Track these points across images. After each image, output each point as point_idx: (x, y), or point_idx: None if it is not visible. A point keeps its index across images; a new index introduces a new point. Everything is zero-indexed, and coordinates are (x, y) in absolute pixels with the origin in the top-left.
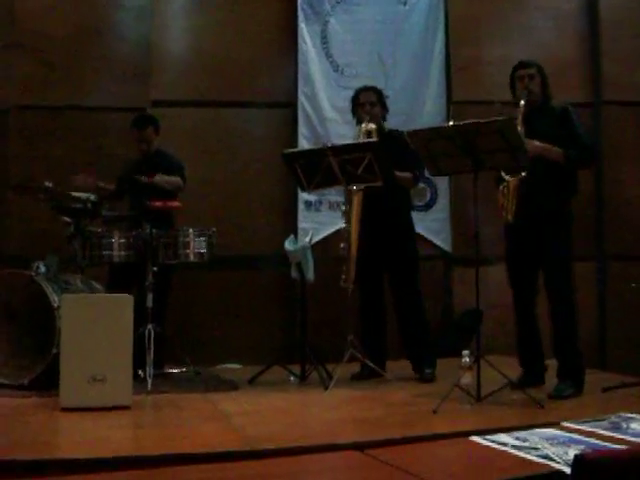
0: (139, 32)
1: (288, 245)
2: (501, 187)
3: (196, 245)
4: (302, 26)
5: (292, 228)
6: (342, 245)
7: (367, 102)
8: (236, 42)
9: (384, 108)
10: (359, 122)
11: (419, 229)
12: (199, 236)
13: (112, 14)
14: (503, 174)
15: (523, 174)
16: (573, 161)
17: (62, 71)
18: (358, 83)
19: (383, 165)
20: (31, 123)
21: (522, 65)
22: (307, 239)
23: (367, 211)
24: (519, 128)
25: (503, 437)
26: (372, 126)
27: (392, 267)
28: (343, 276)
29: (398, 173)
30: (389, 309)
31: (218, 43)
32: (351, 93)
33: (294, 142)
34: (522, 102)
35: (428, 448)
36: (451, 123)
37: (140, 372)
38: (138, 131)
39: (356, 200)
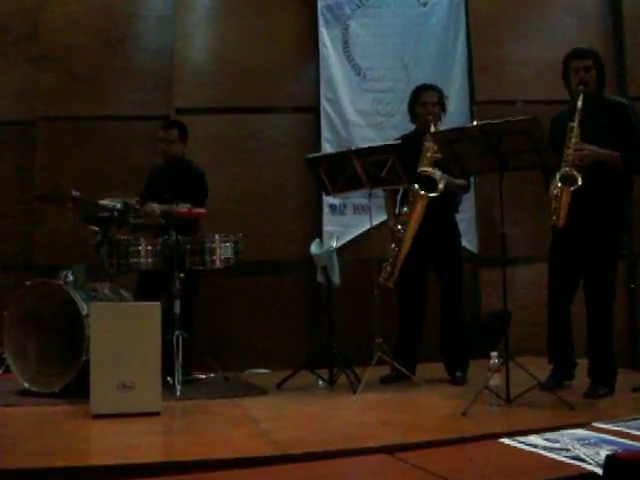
0: (161, 41)
1: (314, 249)
2: (555, 192)
3: (222, 251)
4: (322, 31)
5: (317, 232)
6: (392, 246)
7: (430, 102)
8: (257, 48)
9: (443, 109)
10: (413, 120)
11: None
12: (225, 242)
13: (134, 25)
14: (558, 184)
15: (579, 184)
16: (631, 166)
17: (86, 82)
18: (380, 86)
19: (407, 167)
20: (57, 134)
21: (577, 55)
22: (332, 242)
23: None
24: (575, 131)
25: (533, 439)
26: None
27: (439, 271)
28: (383, 274)
29: (457, 181)
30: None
31: (240, 50)
32: (374, 96)
33: (317, 146)
34: (579, 103)
35: (458, 451)
36: (475, 123)
37: (169, 378)
38: (163, 131)
39: (420, 204)
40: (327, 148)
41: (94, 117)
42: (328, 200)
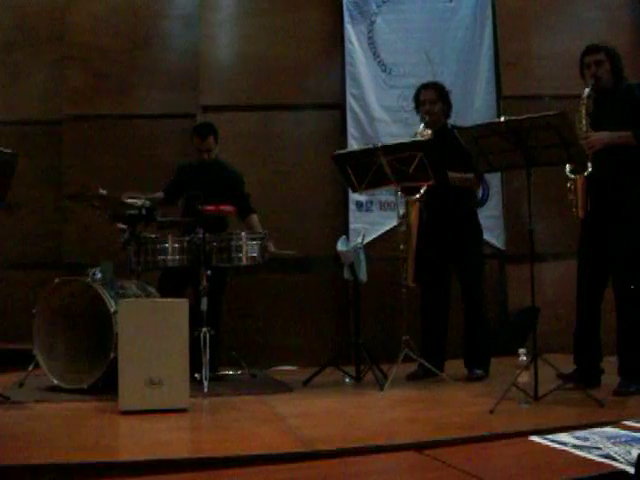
0: (187, 40)
1: (340, 246)
2: (568, 184)
3: (249, 248)
4: (348, 27)
5: (343, 229)
6: (402, 247)
7: (427, 100)
8: (283, 46)
9: (446, 104)
10: (422, 120)
11: None
12: (252, 240)
13: (160, 24)
14: (568, 172)
15: (589, 170)
16: None
17: (113, 81)
18: (406, 82)
19: (435, 164)
20: (84, 133)
21: (589, 50)
22: (359, 240)
23: (432, 211)
24: (583, 121)
25: (563, 436)
26: (428, 132)
27: (459, 267)
28: (404, 275)
29: (458, 175)
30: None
31: (265, 48)
32: (399, 92)
33: (343, 143)
34: (585, 93)
35: (487, 448)
36: (502, 119)
37: (196, 375)
38: (200, 140)
39: (414, 211)
40: (353, 145)
41: (120, 116)
42: (354, 197)
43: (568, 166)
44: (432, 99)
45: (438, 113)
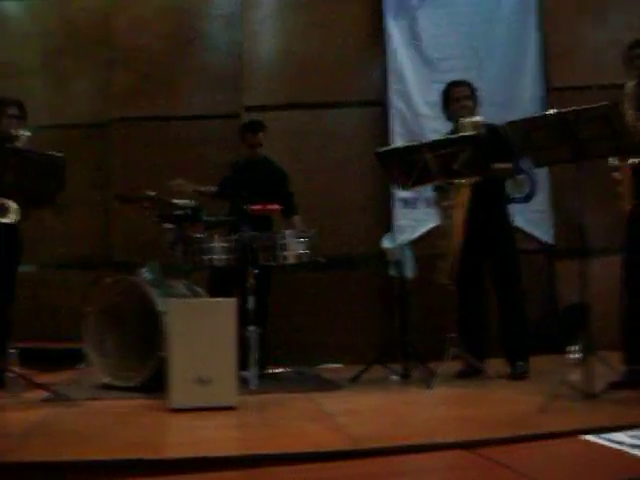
0: (230, 40)
1: (386, 243)
2: (614, 176)
3: (295, 247)
4: (390, 22)
5: (388, 226)
6: (442, 242)
7: (462, 96)
8: (325, 43)
9: (476, 102)
10: (449, 118)
11: (519, 222)
12: (298, 238)
13: (202, 24)
14: (614, 163)
15: (636, 160)
16: None
17: (158, 83)
18: (451, 76)
19: (482, 158)
20: (131, 135)
21: (634, 44)
22: (405, 236)
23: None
24: (629, 112)
25: (619, 436)
26: (477, 118)
27: (492, 262)
28: (438, 272)
29: (502, 165)
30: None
31: (307, 45)
32: (443, 87)
33: (387, 140)
34: (628, 84)
35: (538, 447)
36: (552, 111)
37: (243, 373)
38: (253, 135)
39: (462, 195)
40: (397, 141)
41: (165, 117)
42: (399, 194)
43: (614, 158)
44: (467, 95)
45: (471, 110)
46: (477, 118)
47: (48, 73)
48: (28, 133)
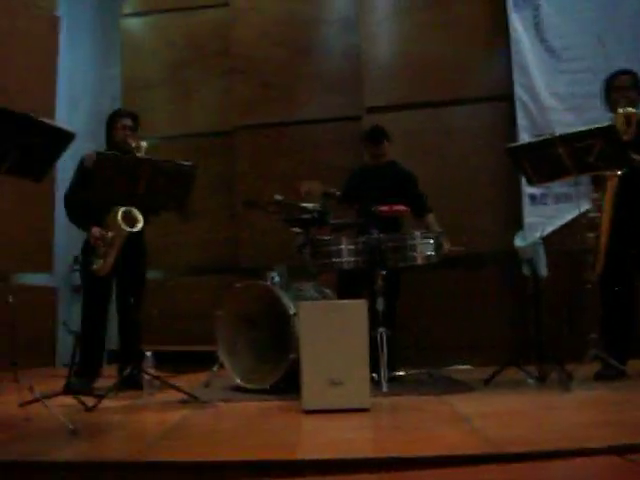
0: (347, 43)
1: (518, 241)
2: None
3: (423, 248)
4: (512, 14)
5: (517, 223)
6: (591, 235)
7: (623, 86)
8: (443, 40)
9: (638, 92)
10: (612, 109)
11: None
12: (426, 238)
13: (319, 30)
14: None
15: None
16: None
17: (278, 90)
18: (577, 66)
19: (620, 150)
20: (254, 141)
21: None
22: (537, 234)
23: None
24: None
25: None
26: (630, 110)
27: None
28: (590, 269)
29: (636, 155)
30: None
31: (425, 43)
32: (570, 77)
33: (512, 135)
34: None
35: None
36: None
37: (374, 375)
38: (374, 146)
39: (610, 185)
40: (524, 136)
41: (287, 122)
42: (528, 190)
43: None
44: (629, 85)
45: (634, 100)
46: (631, 109)
47: (173, 85)
48: (146, 144)
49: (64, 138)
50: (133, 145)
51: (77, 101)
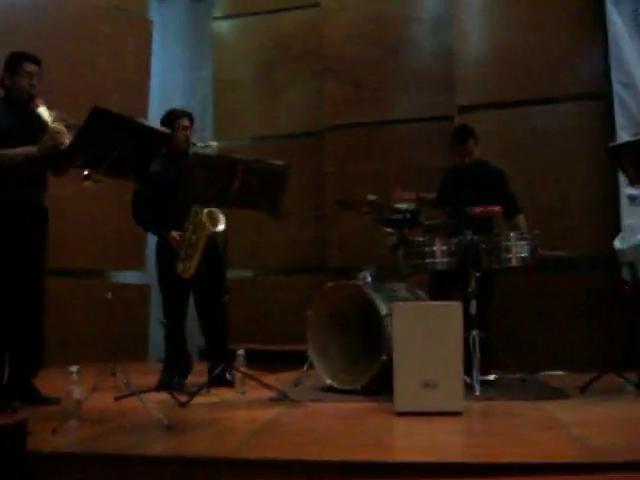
0: (439, 41)
1: (618, 244)
2: None
3: (518, 249)
4: (611, 8)
5: (615, 226)
6: None
7: None
8: (537, 36)
9: None
10: None
11: None
12: (521, 240)
13: (410, 28)
14: None
15: None
16: None
17: (368, 90)
18: None
19: None
20: (343, 141)
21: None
22: (638, 236)
23: None
24: None
25: None
26: None
27: None
28: None
29: None
30: None
31: (519, 40)
32: None
33: (609, 134)
34: None
35: None
36: None
37: (466, 378)
38: (459, 146)
39: None
40: (622, 135)
41: (378, 122)
42: (626, 191)
43: None
44: None
45: None
46: None
47: (263, 85)
48: (216, 143)
49: (160, 139)
50: (203, 145)
51: (168, 102)
